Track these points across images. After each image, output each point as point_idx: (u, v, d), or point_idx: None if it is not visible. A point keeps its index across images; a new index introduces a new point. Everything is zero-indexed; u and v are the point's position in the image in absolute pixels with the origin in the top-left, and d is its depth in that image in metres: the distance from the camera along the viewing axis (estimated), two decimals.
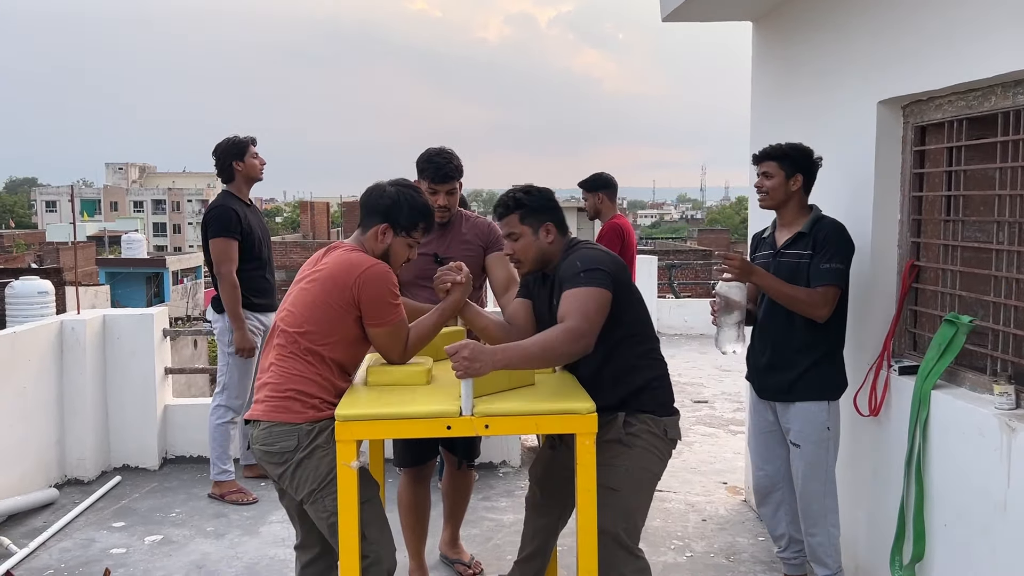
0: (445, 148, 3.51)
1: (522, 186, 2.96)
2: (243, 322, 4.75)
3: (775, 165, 3.34)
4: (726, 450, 5.85)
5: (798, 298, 3.21)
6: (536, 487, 3.14)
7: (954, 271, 3.14)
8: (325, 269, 2.77)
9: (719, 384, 7.91)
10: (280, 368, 2.75)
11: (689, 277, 19.72)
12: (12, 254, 29.92)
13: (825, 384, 3.31)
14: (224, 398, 4.87)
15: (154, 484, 5.15)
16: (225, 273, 4.69)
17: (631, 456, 2.78)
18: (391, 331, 2.79)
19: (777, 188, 3.35)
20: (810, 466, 3.32)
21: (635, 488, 2.81)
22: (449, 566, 3.94)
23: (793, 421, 3.36)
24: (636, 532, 2.83)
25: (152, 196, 76.61)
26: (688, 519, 4.59)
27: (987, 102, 2.89)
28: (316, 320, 2.72)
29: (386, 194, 2.86)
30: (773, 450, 3.52)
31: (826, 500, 3.33)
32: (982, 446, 2.74)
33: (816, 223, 3.30)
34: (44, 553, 4.16)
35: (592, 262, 2.74)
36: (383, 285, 2.73)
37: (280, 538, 4.33)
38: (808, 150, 3.36)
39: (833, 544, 3.35)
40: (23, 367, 4.82)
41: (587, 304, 2.65)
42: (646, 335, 2.90)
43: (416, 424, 2.55)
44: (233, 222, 4.71)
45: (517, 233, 2.88)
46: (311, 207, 44.16)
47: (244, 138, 4.88)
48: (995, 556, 2.70)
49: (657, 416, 2.84)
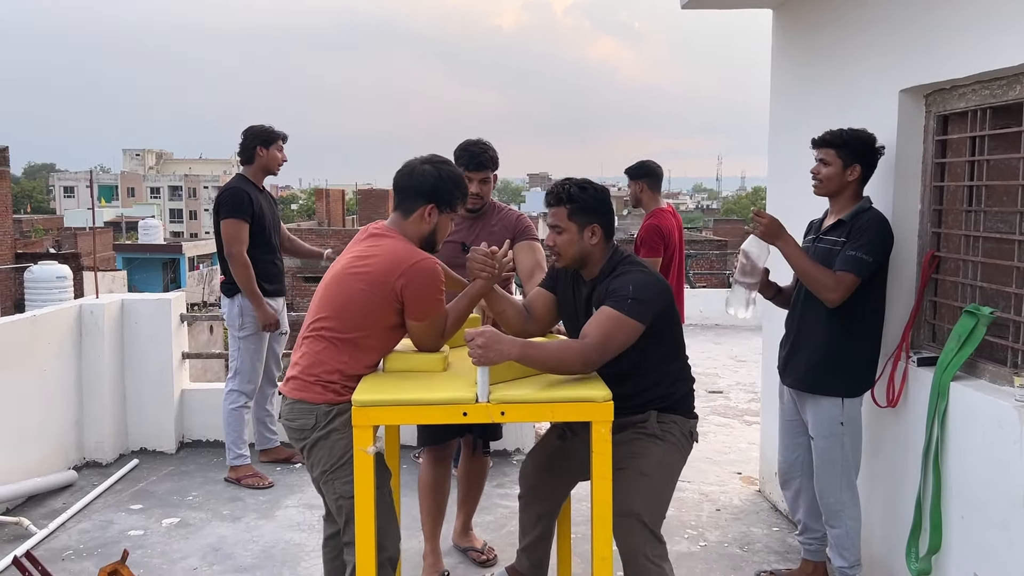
0: (482, 139, 3.58)
1: (579, 180, 2.92)
2: (260, 298, 4.77)
3: (833, 153, 3.23)
4: (740, 440, 5.84)
5: (813, 275, 3.17)
6: (540, 473, 3.17)
7: (975, 262, 3.11)
8: (374, 263, 2.74)
9: (734, 374, 7.89)
10: (311, 352, 2.78)
11: (704, 267, 19.65)
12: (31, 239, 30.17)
13: (839, 380, 3.26)
14: (236, 383, 4.90)
15: (171, 468, 5.19)
16: (236, 253, 4.71)
17: (663, 449, 2.88)
18: (430, 324, 2.80)
19: (832, 177, 3.24)
20: (823, 460, 3.31)
21: (665, 477, 2.90)
22: (462, 553, 3.96)
23: (808, 413, 3.37)
24: (660, 519, 2.90)
25: (169, 182, 76.98)
26: (702, 509, 4.59)
27: (1012, 91, 2.86)
28: (354, 309, 2.73)
29: (428, 173, 2.83)
30: (794, 438, 3.53)
31: (843, 494, 3.30)
32: (1001, 438, 2.72)
33: (858, 213, 3.23)
34: (63, 534, 4.21)
35: (643, 292, 2.75)
36: (430, 281, 2.74)
37: (296, 522, 4.36)
38: (871, 138, 3.24)
39: (852, 538, 3.32)
40: (43, 350, 4.87)
41: (613, 334, 2.69)
42: (681, 352, 2.99)
43: (432, 410, 2.56)
44: (245, 204, 4.73)
45: (562, 227, 2.86)
46: (326, 195, 44.18)
47: (277, 131, 4.91)
48: (1013, 549, 2.68)
49: (684, 419, 2.95)
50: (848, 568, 3.34)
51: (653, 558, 2.81)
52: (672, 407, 2.92)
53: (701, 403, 6.84)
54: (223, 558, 3.97)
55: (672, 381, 2.93)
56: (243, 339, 4.85)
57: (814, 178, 3.33)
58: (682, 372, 2.98)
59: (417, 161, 2.88)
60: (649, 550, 2.81)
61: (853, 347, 3.26)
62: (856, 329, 3.25)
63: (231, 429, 4.90)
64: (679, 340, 2.97)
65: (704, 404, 6.86)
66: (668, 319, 2.87)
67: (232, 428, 4.90)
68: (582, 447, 3.01)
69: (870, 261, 3.14)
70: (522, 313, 3.03)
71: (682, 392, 2.96)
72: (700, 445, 5.66)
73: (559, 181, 2.95)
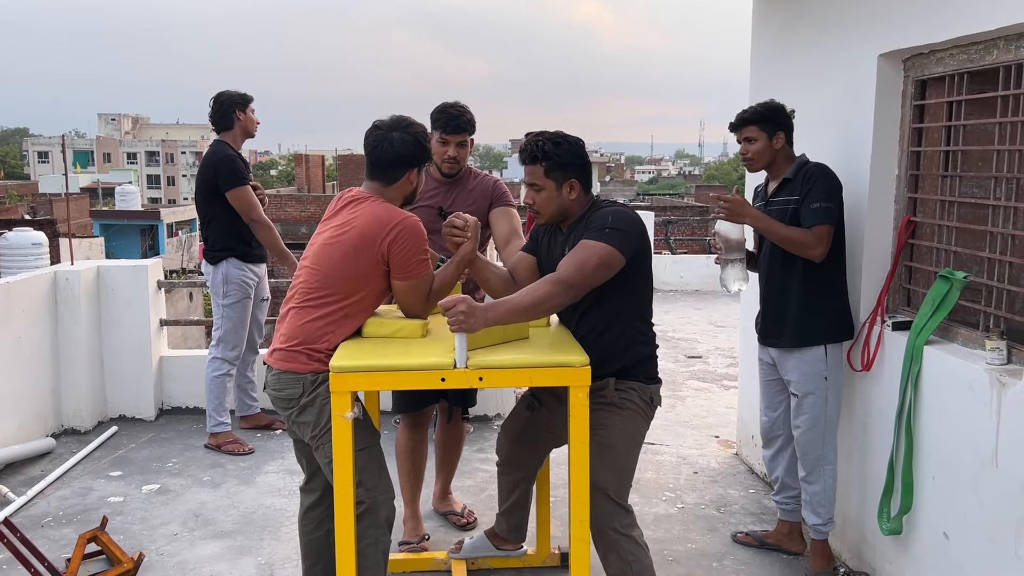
0: (459, 102, 3.53)
1: (551, 134, 2.84)
2: (289, 254, 4.87)
3: (755, 129, 3.38)
4: (719, 404, 5.90)
5: (792, 238, 3.22)
6: (511, 443, 3.19)
7: (950, 227, 3.13)
8: (355, 224, 2.76)
9: (713, 340, 7.95)
10: (296, 321, 2.78)
11: (686, 233, 19.72)
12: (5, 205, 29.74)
13: (819, 328, 3.32)
14: (220, 351, 4.88)
15: (151, 434, 5.18)
16: (257, 218, 4.75)
17: (624, 417, 2.83)
18: (416, 284, 2.81)
19: (762, 151, 3.38)
20: (808, 417, 3.35)
21: (628, 447, 2.86)
22: (442, 517, 3.99)
23: (791, 371, 3.39)
24: (626, 488, 2.89)
25: (146, 148, 75.85)
26: (680, 472, 4.65)
27: (989, 55, 2.86)
28: (343, 276, 2.74)
29: (407, 141, 2.84)
30: (775, 397, 3.58)
31: (824, 449, 3.36)
32: (973, 401, 2.76)
33: (800, 168, 3.33)
34: (42, 501, 4.21)
35: (623, 223, 2.72)
36: (415, 240, 2.76)
37: (276, 488, 4.37)
38: (781, 106, 3.40)
39: (828, 494, 3.39)
40: (18, 317, 4.81)
41: (589, 259, 2.64)
42: (646, 312, 2.92)
43: (410, 376, 2.56)
44: (241, 169, 4.73)
45: (539, 185, 2.82)
46: (306, 160, 43.82)
47: (246, 93, 4.85)
48: (983, 509, 2.73)
49: (644, 384, 2.88)
50: (822, 525, 3.40)
51: (621, 529, 2.81)
52: (631, 372, 2.84)
53: (680, 368, 6.91)
54: (203, 524, 3.98)
55: (628, 344, 2.84)
56: (227, 307, 4.83)
57: (744, 159, 3.45)
58: (641, 334, 2.89)
59: (386, 128, 2.86)
60: (616, 522, 2.80)
61: (827, 295, 3.33)
62: (826, 277, 3.31)
63: (213, 396, 4.90)
64: (647, 293, 2.90)
65: (683, 369, 6.91)
66: (641, 260, 2.79)
67: (214, 395, 4.90)
68: (550, 416, 3.05)
69: (833, 207, 3.23)
70: (506, 281, 3.00)
71: (641, 355, 2.87)
72: (678, 409, 5.76)
73: (532, 136, 2.85)
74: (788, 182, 3.34)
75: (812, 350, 3.32)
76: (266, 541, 3.80)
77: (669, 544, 3.78)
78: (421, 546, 3.65)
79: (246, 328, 4.96)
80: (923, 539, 3.05)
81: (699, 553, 3.71)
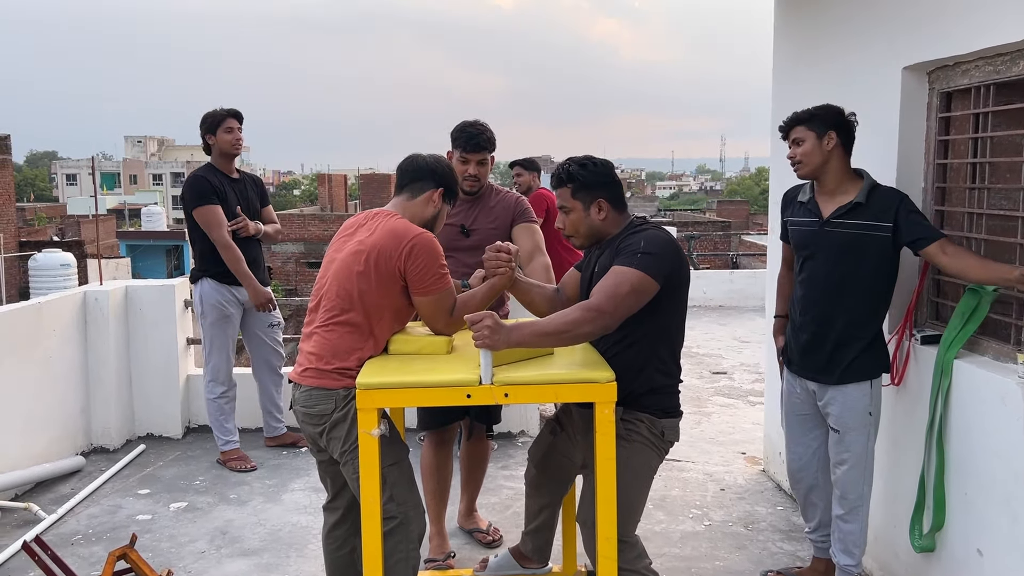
0: (479, 120, 3.55)
1: (580, 158, 2.87)
2: (251, 278, 4.82)
3: (803, 128, 3.13)
4: (745, 421, 5.86)
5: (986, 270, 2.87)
6: (535, 469, 3.17)
7: (978, 239, 3.10)
8: (371, 241, 2.78)
9: (738, 355, 7.90)
10: (326, 342, 2.79)
11: (708, 248, 19.64)
12: (34, 227, 30.20)
13: (869, 365, 3.15)
14: (211, 371, 4.95)
15: (178, 452, 5.22)
16: (217, 237, 4.73)
17: (629, 450, 2.72)
18: (437, 299, 2.81)
19: (811, 152, 3.11)
20: (852, 455, 3.16)
21: (632, 479, 2.74)
22: (468, 535, 3.98)
23: (833, 405, 3.19)
24: (631, 524, 2.80)
25: (171, 169, 76.76)
26: (707, 488, 4.61)
27: (1015, 67, 2.84)
28: (363, 293, 2.76)
29: (439, 162, 2.96)
30: (808, 433, 3.37)
31: (864, 488, 3.19)
32: (1004, 415, 2.72)
33: (872, 192, 3.08)
34: (72, 519, 4.25)
35: (654, 246, 2.66)
36: (431, 254, 2.77)
37: (302, 505, 4.39)
38: (837, 107, 3.15)
39: (863, 534, 3.24)
40: (48, 337, 4.88)
41: (620, 285, 2.58)
42: (674, 343, 2.82)
43: (436, 392, 2.56)
44: (207, 190, 4.74)
45: (568, 207, 2.83)
46: (329, 179, 44.16)
47: (222, 111, 4.89)
48: (1016, 525, 2.69)
49: (655, 418, 2.78)
50: (855, 566, 3.25)
51: (626, 565, 2.73)
52: (640, 402, 2.74)
53: (705, 384, 6.87)
54: (231, 541, 4.00)
55: (642, 368, 2.74)
56: (204, 326, 4.92)
57: (793, 163, 3.19)
58: (662, 363, 2.77)
59: (423, 155, 2.99)
60: (621, 559, 2.68)
61: (874, 326, 3.16)
62: (880, 308, 3.16)
63: (213, 419, 5.00)
64: (677, 321, 2.80)
65: (708, 385, 6.87)
66: (675, 285, 2.71)
67: (214, 417, 4.99)
68: (569, 442, 3.03)
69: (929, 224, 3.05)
70: (551, 299, 2.98)
71: (656, 384, 2.77)
72: (704, 426, 5.72)
73: (562, 162, 2.91)
74: (860, 207, 3.06)
75: (859, 385, 3.15)
76: (292, 559, 3.81)
77: (697, 562, 3.74)
78: (447, 563, 3.64)
79: (231, 344, 4.99)
80: (956, 555, 3.00)
81: (727, 571, 3.67)
